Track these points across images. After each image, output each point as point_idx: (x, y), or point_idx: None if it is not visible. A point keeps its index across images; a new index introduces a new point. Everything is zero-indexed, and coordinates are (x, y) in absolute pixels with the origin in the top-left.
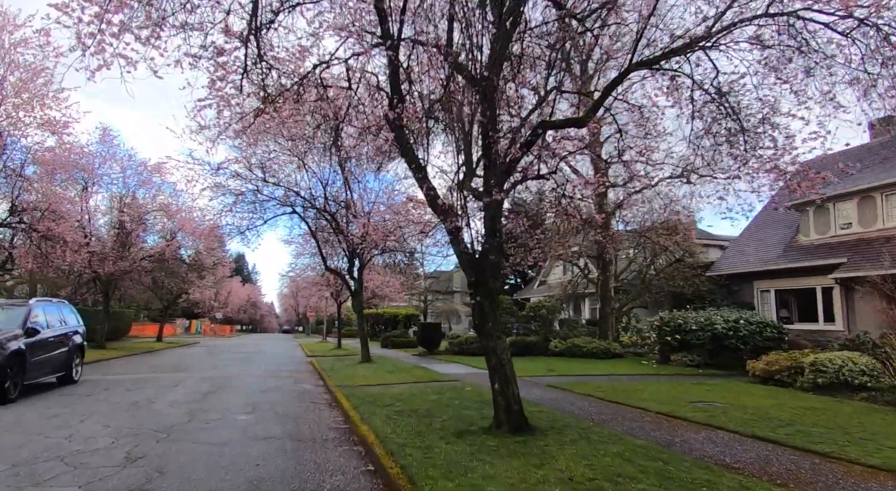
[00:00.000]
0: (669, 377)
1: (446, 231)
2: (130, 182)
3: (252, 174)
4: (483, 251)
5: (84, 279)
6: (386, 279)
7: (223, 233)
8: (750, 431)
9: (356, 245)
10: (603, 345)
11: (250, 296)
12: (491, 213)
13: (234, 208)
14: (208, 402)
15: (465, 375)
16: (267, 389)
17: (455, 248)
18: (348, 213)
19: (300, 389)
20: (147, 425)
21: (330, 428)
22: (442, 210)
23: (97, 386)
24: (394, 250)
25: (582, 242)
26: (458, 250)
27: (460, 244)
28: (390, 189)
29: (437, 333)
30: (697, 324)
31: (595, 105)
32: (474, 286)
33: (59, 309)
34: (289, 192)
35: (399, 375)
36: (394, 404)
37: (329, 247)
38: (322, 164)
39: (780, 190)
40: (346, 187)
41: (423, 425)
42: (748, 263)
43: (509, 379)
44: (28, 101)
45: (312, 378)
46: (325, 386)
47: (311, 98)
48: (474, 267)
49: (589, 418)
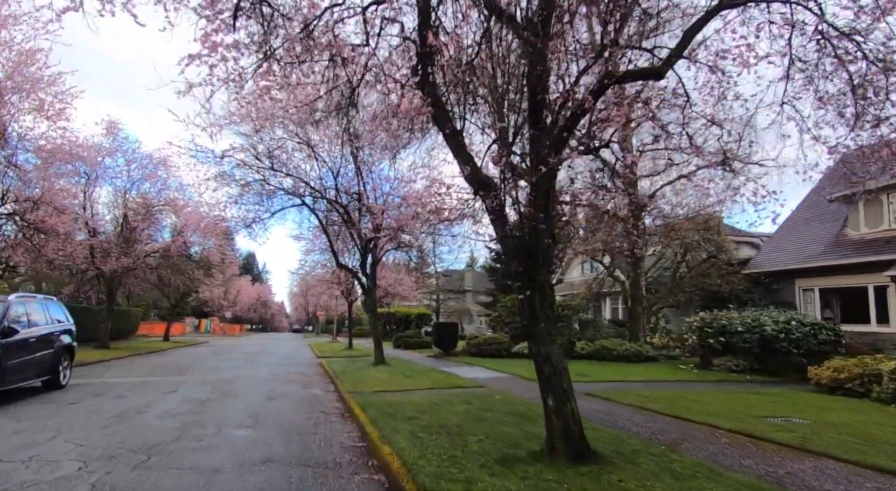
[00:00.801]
0: (715, 384)
1: (487, 211)
2: (135, 175)
3: (259, 162)
4: (533, 233)
5: (87, 276)
6: (399, 277)
7: (228, 226)
8: (868, 460)
9: (369, 239)
10: (634, 347)
11: (260, 295)
12: (543, 187)
13: (239, 200)
14: (205, 412)
15: (490, 380)
16: (272, 395)
17: (498, 230)
18: (361, 205)
19: (309, 395)
20: (128, 444)
21: (344, 447)
22: (482, 182)
23: (87, 391)
24: (408, 246)
25: (609, 237)
26: (502, 233)
27: (505, 225)
28: (407, 178)
29: (454, 333)
30: (744, 325)
31: (677, 49)
32: (522, 277)
33: (45, 306)
34: (298, 182)
35: (417, 379)
36: (417, 417)
37: (340, 242)
38: (333, 152)
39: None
40: (359, 176)
41: (457, 447)
42: (789, 259)
43: (567, 394)
44: (20, 86)
45: (323, 382)
46: (336, 392)
47: (323, 58)
48: (523, 253)
49: (654, 439)
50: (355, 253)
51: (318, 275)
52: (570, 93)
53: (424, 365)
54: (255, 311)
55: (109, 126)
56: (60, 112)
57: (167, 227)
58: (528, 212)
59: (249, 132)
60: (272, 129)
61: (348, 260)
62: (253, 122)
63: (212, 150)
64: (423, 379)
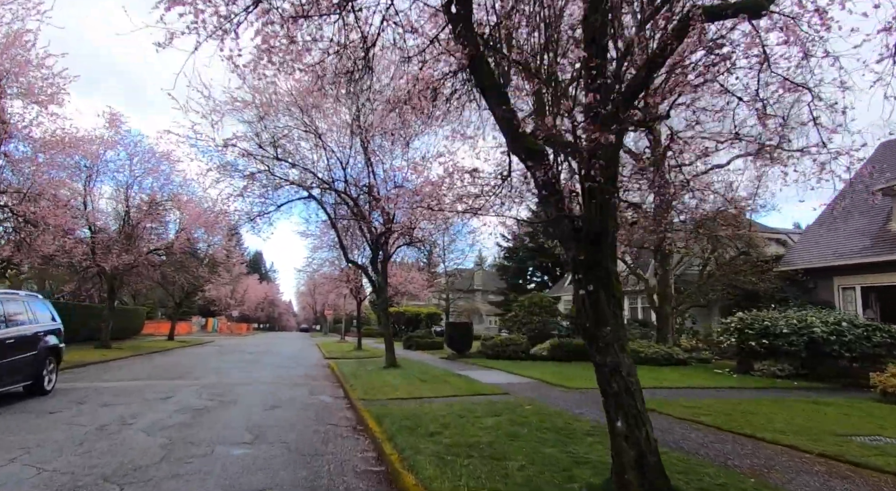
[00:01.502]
0: (762, 392)
1: (537, 185)
2: (137, 170)
3: (263, 151)
4: (599, 211)
5: (88, 274)
6: (410, 275)
7: (231, 220)
8: None
9: (380, 234)
10: (664, 350)
11: (267, 294)
12: (607, 156)
13: (244, 193)
14: (200, 423)
15: (513, 385)
16: (276, 402)
17: (549, 209)
18: (371, 198)
19: (317, 403)
20: (102, 467)
21: (358, 473)
22: (531, 150)
23: (72, 398)
24: (420, 241)
25: (633, 232)
26: (556, 213)
27: (560, 203)
28: (421, 167)
29: (468, 333)
30: (790, 327)
31: None
32: (584, 268)
33: (28, 304)
34: (304, 173)
35: (434, 385)
36: (441, 433)
37: (349, 237)
38: (342, 142)
39: None
40: (369, 167)
41: (497, 476)
42: (826, 255)
43: (642, 416)
44: (9, 70)
45: (332, 387)
46: (347, 399)
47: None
48: (584, 237)
49: (730, 465)
50: (365, 249)
51: (325, 273)
52: (648, 29)
53: (439, 368)
54: (263, 310)
55: (111, 118)
56: (52, 97)
57: (171, 223)
58: (597, 183)
59: (253, 119)
60: (276, 116)
61: (357, 257)
62: (256, 108)
63: (213, 139)
64: (440, 384)
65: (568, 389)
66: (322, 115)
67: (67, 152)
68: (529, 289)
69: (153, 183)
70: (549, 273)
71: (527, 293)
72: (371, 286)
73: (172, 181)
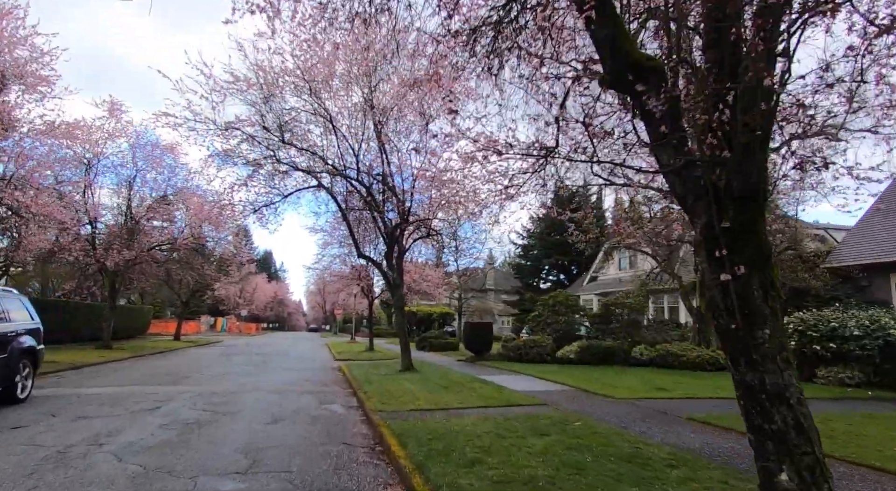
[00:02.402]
0: (835, 403)
1: (649, 123)
2: (140, 162)
3: (268, 135)
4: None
5: (89, 271)
6: (424, 272)
7: (236, 210)
8: None
9: (396, 225)
10: (707, 353)
11: (277, 293)
12: (748, 96)
13: (248, 182)
14: (186, 443)
15: (549, 394)
16: (280, 414)
17: (666, 154)
18: (384, 188)
19: (327, 415)
20: None
21: None
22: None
23: (46, 408)
24: (437, 233)
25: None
26: (679, 159)
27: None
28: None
29: (488, 334)
30: (861, 328)
31: None
32: (729, 240)
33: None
34: (313, 158)
35: (459, 393)
36: (482, 460)
37: (361, 230)
38: (354, 127)
39: None
40: (382, 153)
41: None
42: (882, 250)
43: (820, 466)
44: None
45: (344, 394)
46: (361, 409)
47: None
48: (731, 194)
49: None
50: (378, 244)
51: (335, 271)
52: None
53: (460, 372)
54: (272, 309)
55: (112, 107)
56: (42, 79)
57: (177, 219)
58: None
59: (257, 100)
60: (283, 97)
61: (370, 253)
62: (261, 87)
63: (213, 122)
64: (466, 392)
65: (615, 399)
66: (332, 94)
67: (59, 139)
68: (544, 288)
69: (157, 176)
70: (565, 272)
71: (542, 293)
72: (385, 282)
73: (177, 175)
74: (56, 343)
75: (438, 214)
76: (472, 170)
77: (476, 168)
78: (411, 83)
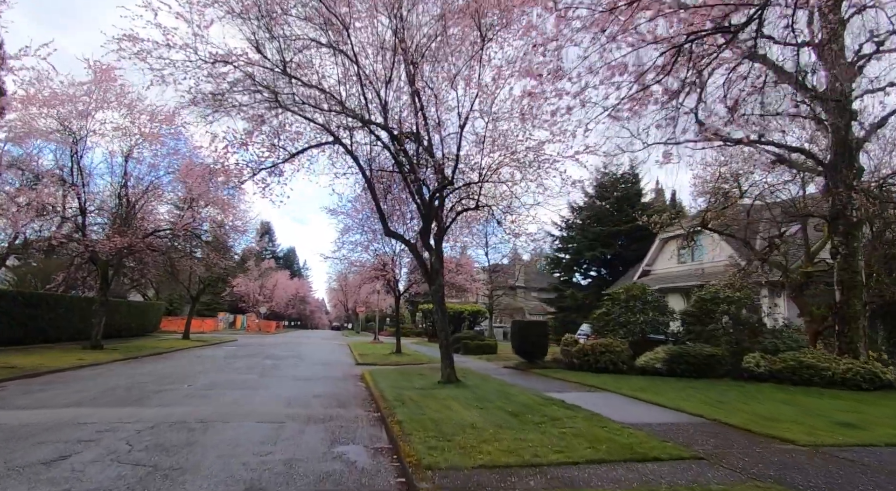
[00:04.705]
0: None
1: None
2: (133, 132)
3: (271, 74)
4: None
5: (78, 261)
6: (462, 260)
7: (231, 173)
8: None
9: (436, 190)
10: (858, 365)
11: (299, 290)
12: None
13: (249, 140)
14: None
15: (676, 430)
16: (269, 464)
17: None
18: (419, 146)
19: (342, 470)
20: None
21: None
22: None
23: None
24: (487, 205)
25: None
26: None
27: None
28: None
29: (543, 336)
30: None
31: None
32: None
33: None
34: (329, 102)
35: (541, 425)
36: None
37: (391, 202)
38: (377, 70)
39: None
40: (416, 103)
41: None
42: None
43: None
44: None
45: (368, 421)
46: (395, 456)
47: None
48: None
49: None
50: (410, 221)
51: (356, 260)
52: None
53: (520, 386)
54: (294, 307)
55: (101, 73)
56: None
57: (174, 201)
58: None
59: (255, 27)
60: (287, 22)
61: (399, 229)
62: (258, 6)
63: (195, 51)
64: (552, 426)
65: (798, 446)
66: (351, 26)
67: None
68: (584, 284)
69: (157, 151)
70: (607, 266)
71: (582, 289)
72: (421, 269)
73: (179, 151)
74: (45, 342)
75: (495, 176)
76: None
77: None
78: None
